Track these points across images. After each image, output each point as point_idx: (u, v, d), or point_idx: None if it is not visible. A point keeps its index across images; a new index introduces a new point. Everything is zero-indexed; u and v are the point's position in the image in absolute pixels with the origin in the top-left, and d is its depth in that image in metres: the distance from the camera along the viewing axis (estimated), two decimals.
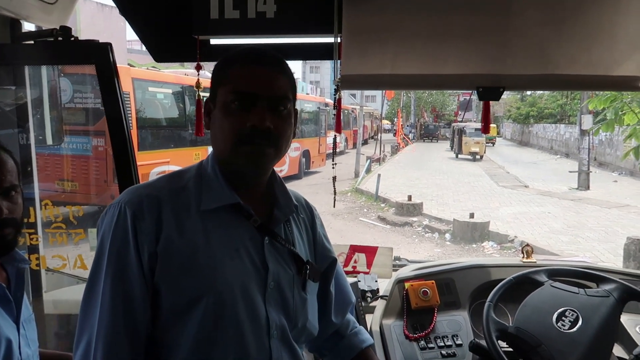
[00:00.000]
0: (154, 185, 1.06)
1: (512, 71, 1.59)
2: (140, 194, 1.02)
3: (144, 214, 0.98)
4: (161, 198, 1.01)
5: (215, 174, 1.06)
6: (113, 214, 1.00)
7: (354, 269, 2.17)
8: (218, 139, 1.05)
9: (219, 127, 1.04)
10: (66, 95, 8.66)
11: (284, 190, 1.16)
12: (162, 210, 1.00)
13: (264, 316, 1.03)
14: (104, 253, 0.98)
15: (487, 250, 8.42)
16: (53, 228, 1.73)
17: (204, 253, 0.99)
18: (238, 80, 1.02)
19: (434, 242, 9.05)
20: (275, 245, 1.09)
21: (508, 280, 1.47)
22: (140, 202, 0.99)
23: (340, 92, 1.74)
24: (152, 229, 0.98)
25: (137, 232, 0.97)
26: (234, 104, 1.01)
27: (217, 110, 1.04)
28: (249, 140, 1.00)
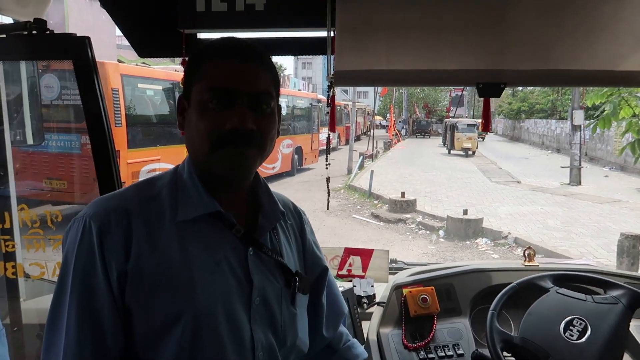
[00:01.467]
0: (122, 195, 0.96)
1: (512, 67, 1.52)
2: (107, 206, 0.92)
3: (111, 228, 0.89)
4: (130, 210, 0.91)
5: (193, 180, 0.97)
6: (77, 229, 0.90)
7: (348, 272, 2.09)
8: (194, 142, 0.95)
9: (194, 128, 0.93)
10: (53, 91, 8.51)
11: (269, 195, 1.07)
12: (132, 223, 0.90)
13: (248, 336, 0.94)
14: (68, 273, 0.88)
15: (480, 247, 8.39)
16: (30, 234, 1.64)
17: (181, 269, 0.90)
18: (214, 76, 0.92)
19: (428, 239, 9.01)
20: (261, 257, 1.00)
21: (511, 286, 1.40)
22: (107, 215, 0.90)
23: (334, 88, 1.66)
24: (121, 245, 0.88)
25: (104, 249, 0.88)
26: (210, 102, 0.91)
27: (192, 109, 0.94)
28: (228, 142, 0.91)
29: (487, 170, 18.24)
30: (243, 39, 0.98)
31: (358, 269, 2.09)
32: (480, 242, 8.58)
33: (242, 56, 0.94)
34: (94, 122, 1.45)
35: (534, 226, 9.38)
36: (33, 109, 2.23)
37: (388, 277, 2.04)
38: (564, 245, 7.99)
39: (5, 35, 1.44)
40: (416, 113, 46.95)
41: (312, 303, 1.13)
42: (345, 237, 8.89)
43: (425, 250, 8.23)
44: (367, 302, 1.77)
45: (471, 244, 8.58)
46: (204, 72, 0.93)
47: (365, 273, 2.07)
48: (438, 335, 1.51)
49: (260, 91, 0.94)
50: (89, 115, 1.45)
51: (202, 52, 0.97)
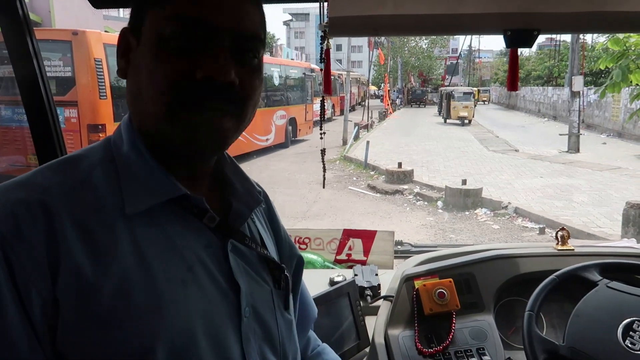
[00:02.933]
0: (31, 182, 0.63)
1: (548, 9, 1.22)
2: (11, 201, 0.59)
3: (22, 234, 0.58)
4: (49, 204, 0.60)
5: (139, 154, 0.68)
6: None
7: (348, 257, 1.84)
8: (142, 97, 0.66)
9: (145, 77, 0.64)
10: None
11: (239, 174, 0.80)
12: (55, 223, 0.59)
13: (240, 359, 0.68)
14: None
15: (480, 217, 8.18)
16: None
17: (141, 284, 0.61)
18: (187, 1, 0.63)
19: (426, 210, 8.79)
20: (242, 252, 0.73)
21: (550, 280, 1.14)
22: (14, 215, 0.58)
23: (329, 41, 1.36)
24: (42, 259, 0.58)
25: (12, 267, 0.57)
26: (174, 39, 0.63)
27: (144, 48, 0.65)
28: (197, 100, 0.63)
29: (484, 139, 17.96)
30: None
31: (359, 253, 1.83)
32: (479, 213, 8.36)
33: None
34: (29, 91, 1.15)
35: (534, 195, 9.16)
36: None
37: (393, 263, 1.79)
38: (565, 215, 7.79)
39: None
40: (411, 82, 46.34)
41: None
42: (341, 210, 8.67)
43: (423, 222, 8.01)
44: (371, 294, 1.51)
45: (470, 214, 8.36)
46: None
47: (367, 258, 1.82)
48: (458, 337, 1.25)
49: (248, 32, 0.66)
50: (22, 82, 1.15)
51: None
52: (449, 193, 8.90)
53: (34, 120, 1.19)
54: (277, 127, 15.51)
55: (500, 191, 9.41)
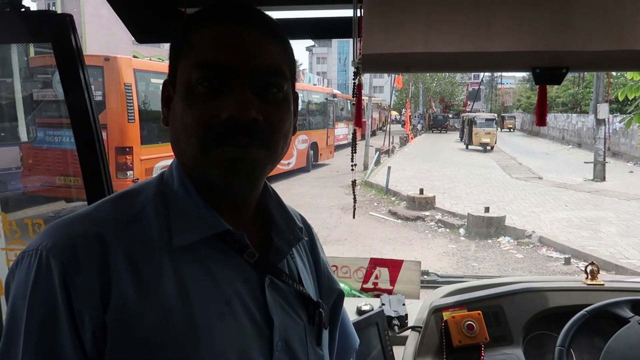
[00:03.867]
0: (90, 216, 0.69)
1: (577, 47, 1.25)
2: (72, 234, 0.65)
3: (79, 264, 0.63)
4: (105, 236, 0.66)
5: (187, 191, 0.72)
6: (29, 267, 0.63)
7: (374, 286, 1.85)
8: (180, 139, 0.71)
9: (179, 121, 0.70)
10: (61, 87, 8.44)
11: (282, 209, 0.83)
12: (109, 255, 0.65)
13: None
14: (18, 331, 0.62)
15: (503, 246, 8.07)
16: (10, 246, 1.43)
17: (181, 316, 0.65)
18: (205, 49, 0.68)
19: (448, 237, 8.70)
20: (279, 287, 0.76)
21: (581, 315, 1.14)
22: (73, 247, 0.64)
23: (361, 76, 1.42)
24: (96, 288, 0.63)
25: (70, 296, 0.62)
26: (199, 84, 0.68)
27: (178, 96, 0.71)
28: (224, 138, 0.67)
29: (506, 166, 17.79)
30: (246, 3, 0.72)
31: (385, 282, 1.85)
32: (502, 241, 8.25)
33: (244, 21, 0.69)
34: (77, 115, 1.23)
35: (559, 224, 9.01)
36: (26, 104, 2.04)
37: (419, 293, 1.79)
38: (591, 245, 7.63)
39: None
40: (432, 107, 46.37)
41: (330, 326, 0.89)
42: (362, 235, 8.65)
43: (445, 250, 7.94)
44: (399, 324, 1.52)
45: (493, 242, 8.26)
46: (192, 44, 0.69)
47: (393, 287, 1.83)
48: None
49: (267, 68, 0.70)
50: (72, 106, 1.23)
51: (190, 20, 0.72)
52: (471, 220, 8.81)
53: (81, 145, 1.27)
54: (298, 152, 15.65)
55: (524, 219, 9.28)
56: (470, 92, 47.23)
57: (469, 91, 48.62)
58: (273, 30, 0.72)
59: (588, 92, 28.33)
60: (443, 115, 45.63)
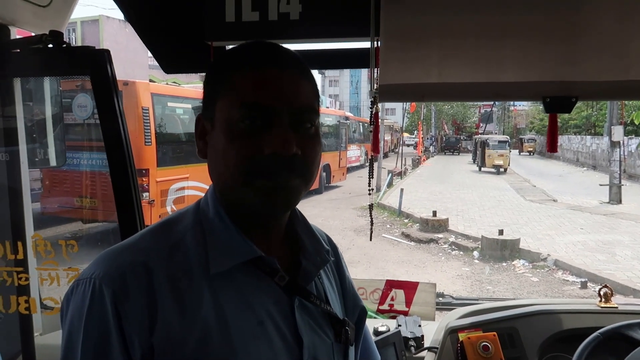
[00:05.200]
0: (137, 246, 0.76)
1: (585, 78, 1.31)
2: (121, 263, 0.72)
3: (129, 291, 0.70)
4: (151, 265, 0.72)
5: (222, 220, 0.79)
6: (84, 294, 0.71)
7: (390, 307, 1.89)
8: (221, 172, 0.77)
9: (221, 155, 0.75)
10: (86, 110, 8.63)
11: (310, 232, 0.88)
12: (154, 282, 0.71)
13: None
14: (75, 352, 0.70)
15: (518, 269, 8.00)
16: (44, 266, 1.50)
17: (219, 337, 0.72)
18: (247, 89, 0.74)
19: (462, 260, 8.66)
20: (307, 308, 0.81)
21: (594, 337, 1.18)
22: (123, 275, 0.71)
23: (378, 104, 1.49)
24: (144, 313, 0.70)
25: (121, 320, 0.69)
26: (242, 122, 0.73)
27: (218, 132, 0.76)
28: (268, 171, 0.73)
29: (520, 188, 17.69)
30: (275, 43, 0.80)
31: (401, 304, 1.88)
32: (517, 264, 8.18)
33: (280, 63, 0.76)
34: (112, 141, 1.32)
35: (575, 247, 8.92)
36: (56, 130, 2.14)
37: (435, 314, 1.83)
38: (608, 269, 7.54)
39: (20, 50, 1.33)
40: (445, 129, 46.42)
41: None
42: (375, 258, 8.64)
43: (459, 272, 7.89)
44: (415, 345, 1.56)
45: (508, 265, 8.20)
46: (232, 84, 0.75)
47: (409, 309, 1.87)
48: None
49: (304, 107, 0.76)
50: (108, 133, 1.32)
51: (227, 59, 0.79)
52: (485, 243, 8.77)
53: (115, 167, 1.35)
54: None
55: (539, 242, 9.21)
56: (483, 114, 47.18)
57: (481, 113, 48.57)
58: (304, 69, 0.79)
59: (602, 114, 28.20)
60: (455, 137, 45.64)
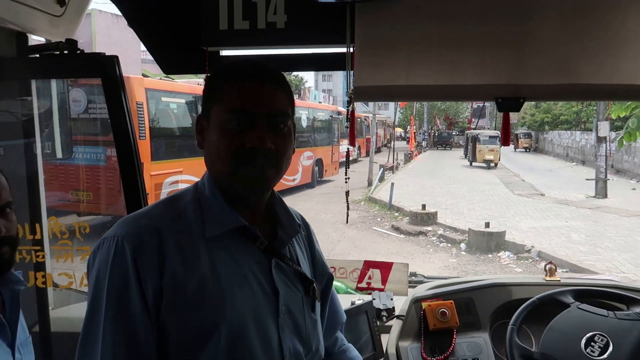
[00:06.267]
0: (150, 214, 0.98)
1: (532, 81, 1.51)
2: (138, 226, 0.93)
3: (144, 247, 0.90)
4: (161, 228, 0.93)
5: (216, 197, 0.99)
6: (109, 249, 0.91)
7: (368, 285, 2.10)
8: (214, 161, 0.98)
9: (214, 147, 0.96)
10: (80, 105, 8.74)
11: (285, 210, 1.10)
12: (164, 241, 0.92)
13: (277, 344, 0.97)
14: (101, 294, 0.89)
15: (503, 260, 8.26)
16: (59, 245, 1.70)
17: (212, 285, 0.92)
18: (234, 98, 0.95)
19: (449, 252, 8.91)
20: (282, 267, 1.03)
21: (532, 301, 1.39)
22: (140, 235, 0.91)
23: (354, 103, 1.68)
24: (155, 263, 0.90)
25: (138, 268, 0.89)
26: (230, 123, 0.94)
27: (212, 129, 0.97)
28: (248, 161, 0.94)
29: (509, 183, 17.99)
30: (258, 61, 1.01)
31: (377, 282, 2.09)
32: (502, 256, 8.44)
33: (259, 77, 0.97)
34: (121, 137, 1.51)
35: (558, 240, 9.20)
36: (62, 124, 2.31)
37: (408, 291, 2.04)
38: (589, 260, 7.82)
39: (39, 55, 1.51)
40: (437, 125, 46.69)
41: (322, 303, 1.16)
42: (365, 250, 8.86)
43: (446, 264, 8.14)
44: (387, 315, 1.77)
45: (493, 257, 8.45)
46: (223, 93, 0.96)
47: (384, 286, 2.08)
48: (457, 350, 1.50)
49: (277, 112, 0.97)
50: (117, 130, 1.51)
51: (220, 74, 1.00)
52: (472, 235, 9.02)
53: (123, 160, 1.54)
54: (303, 168, 15.94)
55: (524, 235, 9.48)
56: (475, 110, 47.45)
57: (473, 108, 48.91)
58: (280, 82, 1.00)
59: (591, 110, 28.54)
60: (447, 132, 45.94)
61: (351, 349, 1.26)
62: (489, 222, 9.21)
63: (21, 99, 1.61)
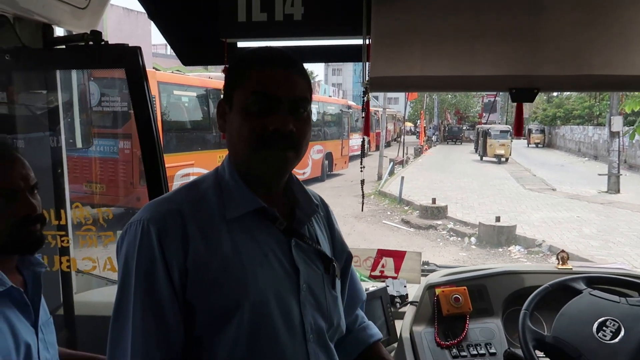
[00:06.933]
0: (173, 199, 1.02)
1: (545, 72, 1.53)
2: (162, 210, 0.98)
3: (168, 230, 0.95)
4: (183, 212, 0.98)
5: (235, 180, 1.03)
6: (135, 232, 0.96)
7: (381, 273, 2.14)
8: (236, 143, 1.02)
9: (237, 130, 1.00)
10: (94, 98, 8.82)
11: (303, 191, 1.14)
12: (187, 224, 0.96)
13: (299, 321, 1.01)
14: (130, 274, 0.94)
15: (514, 254, 8.26)
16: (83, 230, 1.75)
17: (235, 264, 0.96)
18: (258, 83, 0.98)
19: (459, 245, 8.92)
20: (302, 246, 1.07)
21: (544, 287, 1.42)
22: (164, 218, 0.96)
23: (369, 94, 1.72)
24: (179, 245, 0.95)
25: (164, 250, 0.94)
26: (254, 106, 0.98)
27: (235, 113, 1.01)
28: (270, 144, 0.97)
29: (520, 178, 17.89)
30: (280, 48, 1.05)
31: (390, 270, 2.13)
32: (513, 250, 8.44)
33: (283, 64, 1.00)
34: (143, 127, 1.56)
35: (570, 234, 9.16)
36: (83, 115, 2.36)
37: (420, 279, 2.07)
38: (601, 255, 7.79)
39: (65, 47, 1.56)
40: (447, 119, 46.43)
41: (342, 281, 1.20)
42: (375, 243, 8.89)
43: (456, 257, 8.15)
44: (400, 301, 1.81)
45: (504, 251, 8.45)
46: (247, 78, 1.00)
47: (397, 274, 2.11)
48: (470, 335, 1.54)
49: (299, 97, 1.01)
50: (140, 119, 1.55)
51: (244, 60, 1.03)
52: (482, 229, 9.01)
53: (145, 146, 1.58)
54: (313, 161, 15.97)
55: (535, 229, 9.45)
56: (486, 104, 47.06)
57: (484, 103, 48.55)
58: (301, 68, 1.04)
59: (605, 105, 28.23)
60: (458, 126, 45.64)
61: (371, 326, 1.30)
62: (500, 216, 9.20)
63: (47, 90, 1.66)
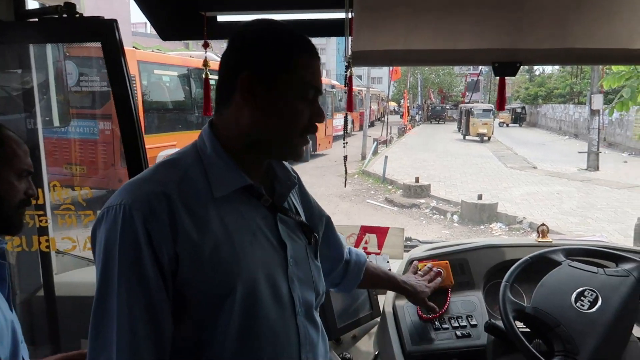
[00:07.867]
0: (153, 179, 0.94)
1: (528, 45, 1.53)
2: (144, 192, 0.90)
3: (155, 215, 0.88)
4: (168, 193, 0.90)
5: (219, 156, 0.99)
6: (115, 218, 0.88)
7: (364, 249, 2.14)
8: (283, 125, 0.99)
9: (287, 115, 0.99)
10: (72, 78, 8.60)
11: (281, 164, 1.13)
12: (174, 207, 0.90)
13: (288, 296, 1.01)
14: (112, 264, 0.87)
15: (495, 231, 8.39)
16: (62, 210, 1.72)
17: (225, 245, 0.93)
18: (308, 73, 0.99)
19: (442, 223, 9.02)
20: (286, 221, 1.06)
21: (524, 260, 1.44)
22: (148, 202, 0.88)
23: (352, 69, 1.70)
24: (168, 230, 0.88)
25: (151, 236, 0.87)
26: (305, 96, 0.99)
27: (278, 97, 0.97)
28: (312, 133, 1.03)
29: (502, 156, 18.10)
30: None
31: (374, 247, 2.14)
32: (494, 227, 8.57)
33: (317, 54, 1.02)
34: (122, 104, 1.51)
35: (550, 211, 9.33)
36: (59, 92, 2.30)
37: (403, 255, 2.09)
38: (579, 230, 7.96)
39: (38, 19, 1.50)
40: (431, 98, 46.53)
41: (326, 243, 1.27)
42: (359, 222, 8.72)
43: (439, 235, 8.26)
44: None
45: (485, 228, 8.58)
46: (298, 65, 0.98)
47: (380, 250, 2.12)
48: (452, 307, 1.56)
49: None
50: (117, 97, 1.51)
51: (290, 44, 0.98)
52: (464, 207, 9.12)
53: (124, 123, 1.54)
54: None
55: (516, 206, 9.60)
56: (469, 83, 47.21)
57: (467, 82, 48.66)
58: None
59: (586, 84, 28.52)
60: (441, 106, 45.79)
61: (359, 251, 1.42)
62: (482, 194, 9.32)
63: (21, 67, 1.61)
